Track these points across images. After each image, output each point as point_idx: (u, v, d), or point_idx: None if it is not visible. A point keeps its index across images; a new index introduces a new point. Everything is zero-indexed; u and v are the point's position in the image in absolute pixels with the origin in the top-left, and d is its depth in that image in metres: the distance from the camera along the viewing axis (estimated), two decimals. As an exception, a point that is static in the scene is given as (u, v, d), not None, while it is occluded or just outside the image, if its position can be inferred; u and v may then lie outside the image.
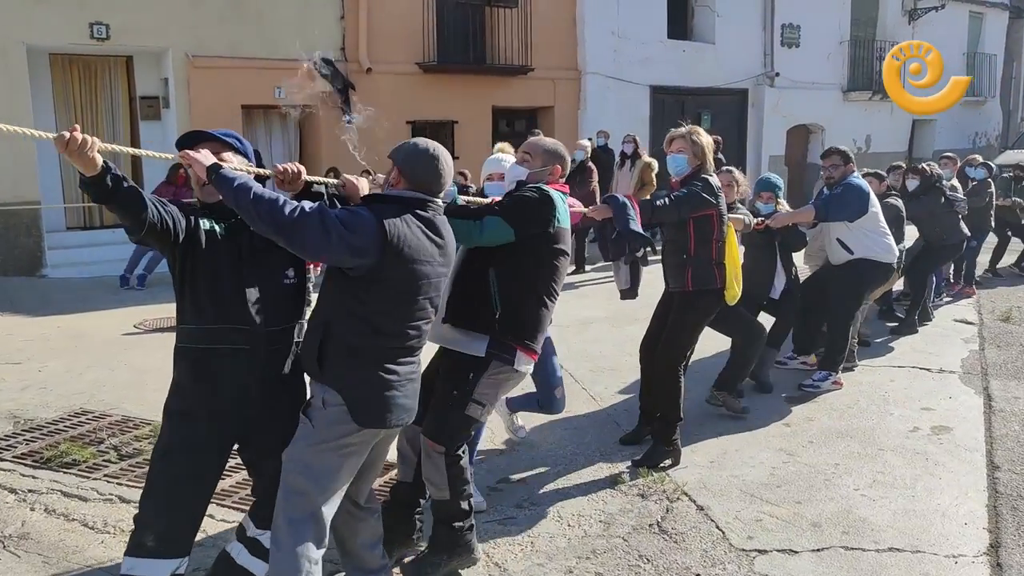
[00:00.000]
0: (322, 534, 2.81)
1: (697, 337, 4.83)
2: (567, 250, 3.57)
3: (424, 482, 3.44)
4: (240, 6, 11.48)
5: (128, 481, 4.29)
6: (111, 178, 2.57)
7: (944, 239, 8.01)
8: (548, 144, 3.73)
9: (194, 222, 2.82)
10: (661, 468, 4.55)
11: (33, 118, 10.01)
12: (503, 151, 4.81)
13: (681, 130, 4.66)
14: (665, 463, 4.59)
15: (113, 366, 6.53)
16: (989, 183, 9.69)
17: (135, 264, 9.74)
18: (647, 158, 5.25)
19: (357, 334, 2.79)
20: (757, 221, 5.74)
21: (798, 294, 6.17)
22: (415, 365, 2.96)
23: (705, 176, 4.58)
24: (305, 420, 2.85)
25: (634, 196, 4.57)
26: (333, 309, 2.82)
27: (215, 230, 2.85)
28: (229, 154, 2.92)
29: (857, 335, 6.57)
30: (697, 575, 3.52)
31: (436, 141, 3.00)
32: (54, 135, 2.50)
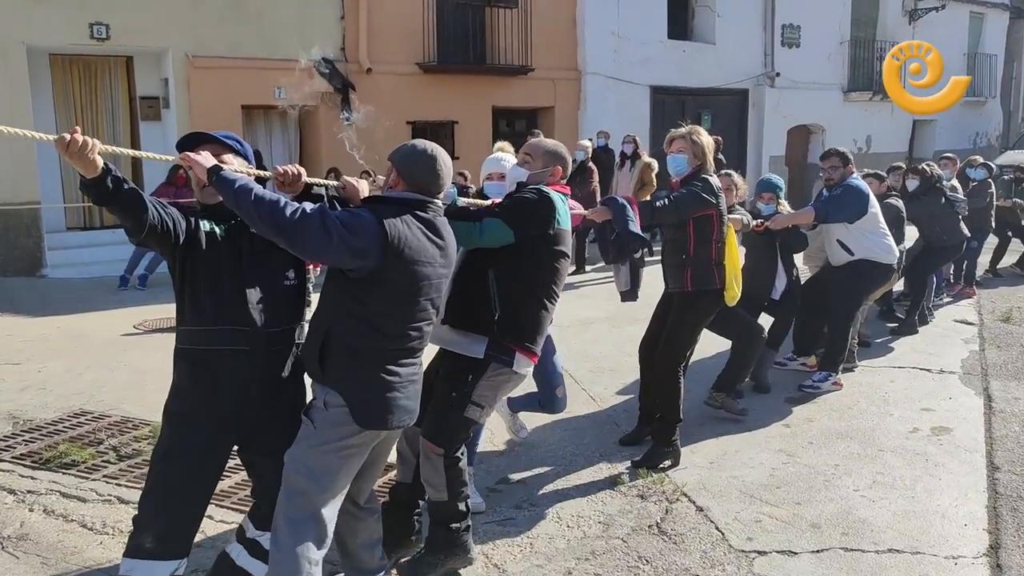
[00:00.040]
0: (323, 535, 2.81)
1: (697, 338, 4.84)
2: (568, 252, 3.56)
3: (422, 483, 3.44)
4: (240, 6, 11.48)
5: (127, 482, 4.29)
6: (112, 180, 2.58)
7: (944, 240, 8.00)
8: (549, 145, 3.73)
9: (194, 224, 2.82)
10: (661, 469, 4.55)
11: (33, 118, 10.02)
12: (503, 150, 4.80)
13: (681, 130, 4.66)
14: (665, 464, 4.59)
15: (113, 367, 6.53)
16: (989, 184, 9.68)
17: (135, 265, 9.73)
18: (647, 158, 5.26)
19: (358, 335, 2.79)
20: (756, 223, 5.74)
21: (799, 295, 6.18)
22: (416, 366, 2.95)
23: (705, 176, 4.57)
24: (307, 421, 2.85)
25: (634, 196, 4.57)
26: (334, 310, 2.83)
27: (215, 232, 2.85)
28: (229, 156, 2.92)
29: (857, 336, 6.58)
30: (697, 576, 3.52)
31: (436, 141, 3.01)
32: (55, 137, 2.50)
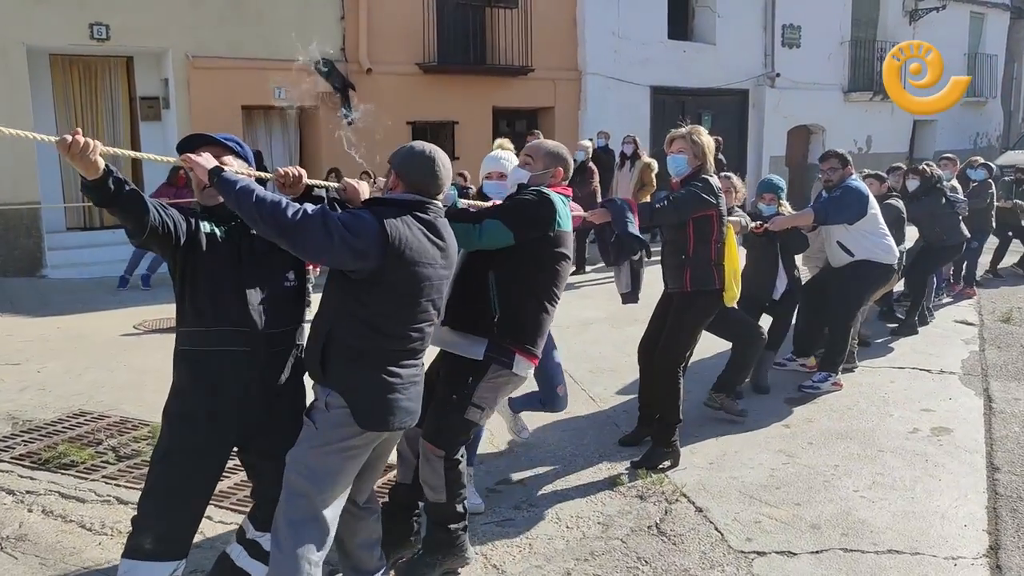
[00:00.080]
0: (324, 536, 2.81)
1: (696, 338, 4.83)
2: (569, 254, 3.55)
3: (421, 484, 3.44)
4: (240, 6, 11.49)
5: (126, 482, 4.29)
6: (113, 181, 2.58)
7: (944, 240, 8.00)
8: (550, 146, 3.72)
9: (194, 225, 2.82)
10: (660, 469, 4.54)
11: (33, 119, 10.03)
12: (502, 147, 4.77)
13: (681, 130, 4.66)
14: (664, 464, 4.58)
15: (112, 367, 6.53)
16: (990, 184, 9.67)
17: (135, 265, 9.73)
18: (647, 159, 5.25)
19: (359, 336, 2.79)
20: (755, 225, 5.74)
21: (799, 295, 6.17)
22: (418, 367, 2.95)
23: (705, 176, 4.57)
24: (308, 422, 2.85)
25: (634, 196, 4.56)
26: (335, 312, 2.83)
27: (215, 233, 2.85)
28: (230, 158, 2.92)
29: (857, 336, 6.57)
30: (696, 577, 3.52)
31: (436, 142, 3.01)
32: (56, 138, 2.50)
